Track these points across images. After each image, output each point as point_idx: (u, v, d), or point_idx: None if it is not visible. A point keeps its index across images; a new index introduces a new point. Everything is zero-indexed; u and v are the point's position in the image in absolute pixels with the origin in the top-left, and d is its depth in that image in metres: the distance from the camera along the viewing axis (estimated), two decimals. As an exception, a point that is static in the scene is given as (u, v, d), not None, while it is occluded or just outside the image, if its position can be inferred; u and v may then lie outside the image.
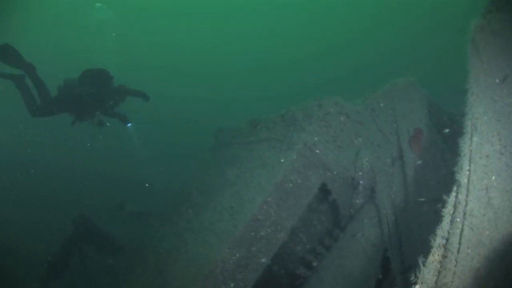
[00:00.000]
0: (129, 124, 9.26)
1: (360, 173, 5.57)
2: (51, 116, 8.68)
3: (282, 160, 5.22)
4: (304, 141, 5.30)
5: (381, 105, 6.01)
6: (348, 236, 5.62)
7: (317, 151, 5.32)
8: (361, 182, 5.62)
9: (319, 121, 5.48)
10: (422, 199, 5.38)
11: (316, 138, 5.36)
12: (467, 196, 2.60)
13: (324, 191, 5.65)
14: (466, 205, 2.56)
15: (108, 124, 9.07)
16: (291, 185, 5.15)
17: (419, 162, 5.69)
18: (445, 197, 2.71)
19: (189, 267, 5.14)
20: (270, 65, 40.71)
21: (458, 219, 2.52)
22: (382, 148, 5.79)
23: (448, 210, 2.61)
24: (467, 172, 2.70)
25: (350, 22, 39.76)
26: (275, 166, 5.25)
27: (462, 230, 2.46)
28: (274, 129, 5.96)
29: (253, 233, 4.89)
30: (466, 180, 2.66)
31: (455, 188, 2.70)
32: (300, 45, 41.62)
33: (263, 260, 4.91)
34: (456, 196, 2.64)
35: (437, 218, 2.73)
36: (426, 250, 2.61)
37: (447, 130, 5.57)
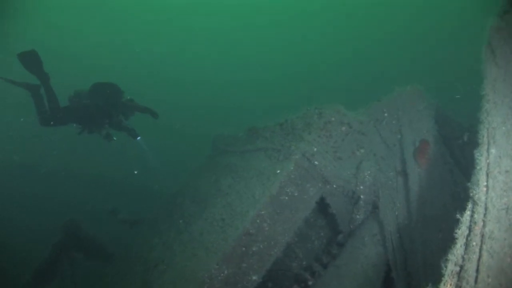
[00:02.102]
0: (138, 138, 9.11)
1: (361, 187, 5.23)
2: (60, 126, 8.58)
3: (279, 171, 4.87)
4: (302, 151, 4.96)
5: (385, 114, 5.69)
6: (347, 254, 5.27)
7: (316, 162, 4.97)
8: (362, 196, 5.27)
9: (319, 130, 5.15)
10: (428, 217, 5.04)
11: (315, 149, 5.02)
12: (485, 215, 2.24)
13: (323, 205, 5.30)
14: (484, 226, 2.20)
15: (115, 139, 8.91)
16: (287, 197, 4.79)
17: (425, 176, 5.35)
18: (458, 216, 2.34)
19: (176, 281, 4.79)
20: (282, 74, 40.45)
21: (474, 243, 2.16)
22: (385, 160, 5.46)
23: (462, 232, 2.25)
24: (485, 189, 2.34)
25: (363, 31, 39.48)
26: (271, 177, 4.90)
27: (480, 256, 2.10)
28: (272, 137, 5.62)
29: (244, 248, 4.52)
30: (483, 198, 2.30)
31: (470, 206, 2.34)
32: (308, 55, 41.45)
33: (254, 277, 4.54)
34: (472, 216, 2.28)
35: (445, 239, 2.39)
36: (435, 275, 2.26)
37: (465, 139, 5.22)
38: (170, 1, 39.29)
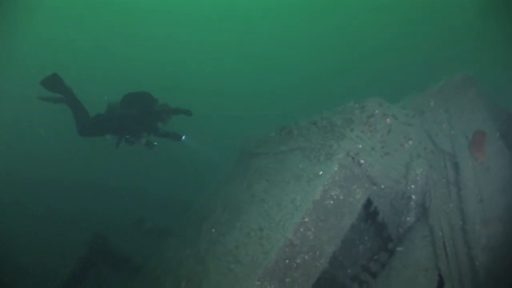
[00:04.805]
0: (183, 138, 8.92)
1: (412, 186, 4.71)
2: (96, 136, 8.64)
3: (321, 173, 4.38)
4: (346, 149, 4.45)
5: (431, 104, 5.16)
6: (396, 260, 4.77)
7: (362, 161, 4.46)
8: (413, 196, 4.75)
9: (362, 125, 4.64)
10: (488, 218, 4.51)
11: (360, 146, 4.51)
12: None
13: (370, 208, 4.80)
14: None
15: (156, 144, 8.76)
16: (331, 202, 4.30)
17: (481, 172, 4.82)
18: None
19: (211, 299, 4.36)
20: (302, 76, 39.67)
21: None
22: (435, 155, 4.94)
23: None
24: None
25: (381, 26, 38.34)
26: (312, 180, 4.41)
27: None
28: (308, 136, 5.13)
29: (287, 261, 4.05)
30: None
31: None
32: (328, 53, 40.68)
33: (299, 293, 4.06)
34: None
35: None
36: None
37: None
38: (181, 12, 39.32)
